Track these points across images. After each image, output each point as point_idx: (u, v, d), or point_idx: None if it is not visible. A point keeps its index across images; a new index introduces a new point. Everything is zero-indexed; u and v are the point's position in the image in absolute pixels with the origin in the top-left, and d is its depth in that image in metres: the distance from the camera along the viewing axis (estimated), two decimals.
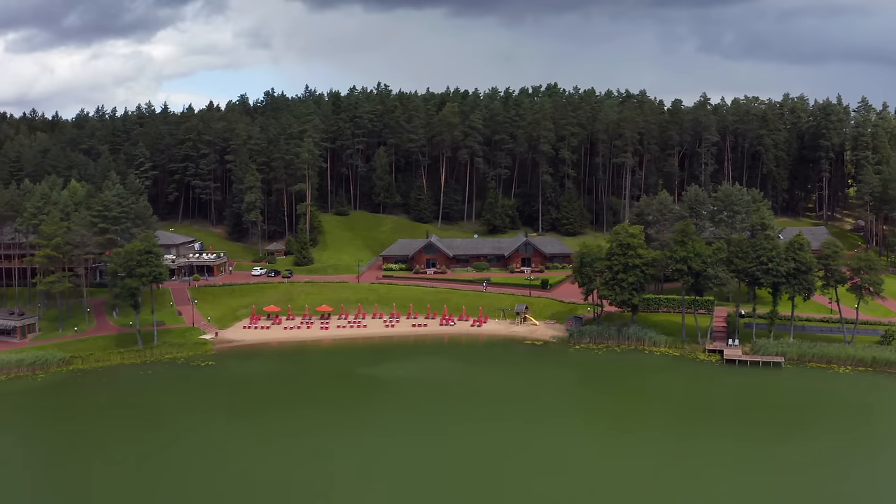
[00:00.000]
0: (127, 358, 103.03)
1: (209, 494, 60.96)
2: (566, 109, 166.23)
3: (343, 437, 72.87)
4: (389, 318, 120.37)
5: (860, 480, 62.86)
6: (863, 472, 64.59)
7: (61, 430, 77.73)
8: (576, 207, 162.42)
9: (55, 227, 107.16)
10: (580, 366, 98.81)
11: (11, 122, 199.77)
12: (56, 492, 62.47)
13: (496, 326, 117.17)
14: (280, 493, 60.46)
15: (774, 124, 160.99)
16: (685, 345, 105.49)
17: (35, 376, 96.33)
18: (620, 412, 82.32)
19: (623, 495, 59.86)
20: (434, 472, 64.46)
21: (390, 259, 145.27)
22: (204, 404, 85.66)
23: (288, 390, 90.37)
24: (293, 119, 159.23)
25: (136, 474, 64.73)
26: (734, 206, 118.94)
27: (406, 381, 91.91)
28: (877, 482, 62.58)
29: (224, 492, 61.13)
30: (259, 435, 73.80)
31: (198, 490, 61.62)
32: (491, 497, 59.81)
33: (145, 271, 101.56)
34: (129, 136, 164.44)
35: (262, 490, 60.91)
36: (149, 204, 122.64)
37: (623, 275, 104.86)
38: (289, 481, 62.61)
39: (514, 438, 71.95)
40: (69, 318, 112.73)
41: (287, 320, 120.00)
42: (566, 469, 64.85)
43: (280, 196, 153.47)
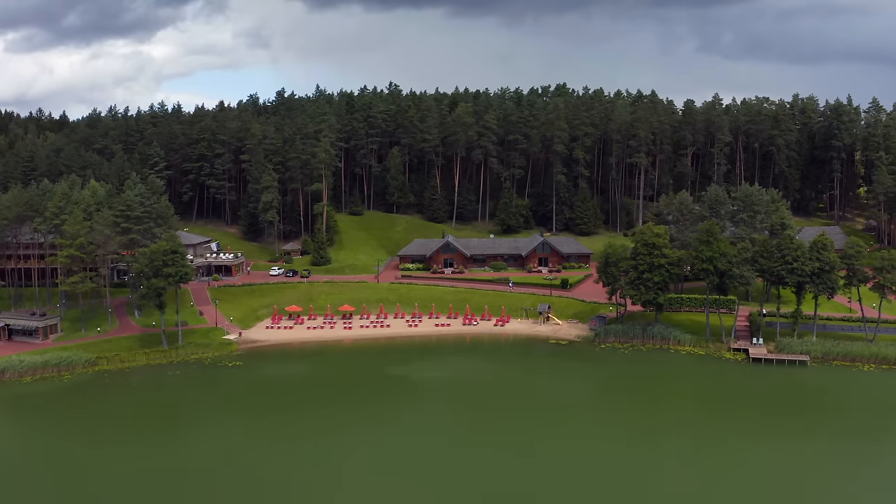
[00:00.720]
0: (153, 358, 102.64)
1: (246, 494, 60.82)
2: (580, 109, 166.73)
3: (379, 437, 72.74)
4: (412, 318, 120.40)
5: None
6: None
7: (95, 431, 76.97)
8: (590, 207, 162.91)
9: (78, 227, 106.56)
10: (608, 365, 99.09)
11: (19, 122, 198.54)
12: (94, 493, 62.00)
13: (519, 326, 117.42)
14: (316, 494, 60.34)
15: (786, 125, 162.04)
16: (709, 344, 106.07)
17: (61, 377, 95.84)
18: (656, 411, 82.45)
19: (666, 492, 60.26)
20: (476, 471, 64.47)
21: (407, 259, 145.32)
22: (237, 405, 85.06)
23: (321, 391, 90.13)
24: (308, 119, 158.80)
25: (171, 474, 64.63)
26: (754, 207, 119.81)
27: (439, 382, 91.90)
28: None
29: (261, 491, 60.96)
30: (296, 436, 73.88)
31: (238, 490, 61.51)
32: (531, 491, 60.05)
33: (172, 271, 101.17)
34: (143, 135, 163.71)
35: (297, 490, 60.92)
36: (170, 204, 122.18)
37: (648, 274, 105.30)
38: (327, 482, 62.67)
39: (553, 436, 72.26)
40: (91, 319, 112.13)
41: (309, 320, 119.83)
42: (608, 467, 65.23)
43: (295, 196, 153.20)
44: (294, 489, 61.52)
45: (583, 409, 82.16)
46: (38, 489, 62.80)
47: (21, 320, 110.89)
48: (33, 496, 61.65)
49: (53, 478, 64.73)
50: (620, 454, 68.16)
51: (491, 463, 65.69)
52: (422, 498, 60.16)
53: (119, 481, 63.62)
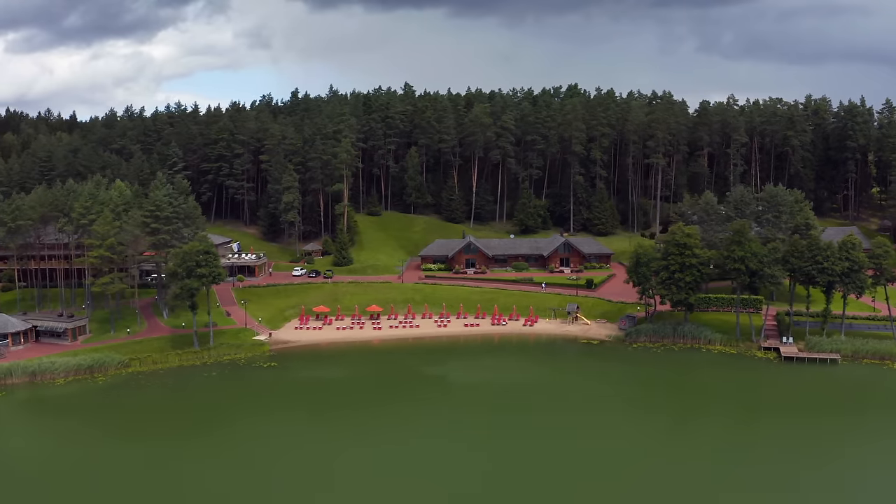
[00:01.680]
0: (185, 359, 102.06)
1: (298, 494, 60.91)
2: (596, 110, 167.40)
3: (424, 437, 72.80)
4: (440, 318, 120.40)
5: None
6: None
7: (140, 433, 76.10)
8: (607, 208, 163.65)
9: (108, 227, 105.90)
10: (644, 365, 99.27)
11: (28, 122, 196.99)
12: (148, 495, 61.61)
13: (548, 326, 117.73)
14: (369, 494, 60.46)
15: (801, 125, 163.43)
16: (740, 343, 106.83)
17: (95, 379, 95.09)
18: (705, 411, 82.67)
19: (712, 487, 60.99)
20: (528, 469, 64.63)
21: (429, 259, 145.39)
22: (280, 406, 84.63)
23: (362, 392, 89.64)
24: (327, 119, 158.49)
25: (218, 475, 64.47)
26: (780, 207, 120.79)
27: (479, 383, 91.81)
28: None
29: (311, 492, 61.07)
30: (342, 436, 73.56)
31: (289, 489, 61.58)
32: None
33: (205, 272, 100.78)
34: (160, 135, 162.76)
35: (350, 490, 60.92)
36: (197, 204, 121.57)
37: (680, 274, 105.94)
38: (379, 482, 62.48)
39: (604, 437, 72.45)
40: (119, 320, 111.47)
41: (337, 321, 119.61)
42: (664, 468, 65.50)
43: (316, 196, 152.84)
44: (339, 490, 61.34)
45: (628, 410, 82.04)
46: (94, 490, 62.24)
47: (48, 321, 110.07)
48: (91, 498, 61.18)
49: (107, 479, 64.15)
50: (674, 455, 68.19)
51: (543, 464, 65.62)
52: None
53: (171, 482, 63.39)
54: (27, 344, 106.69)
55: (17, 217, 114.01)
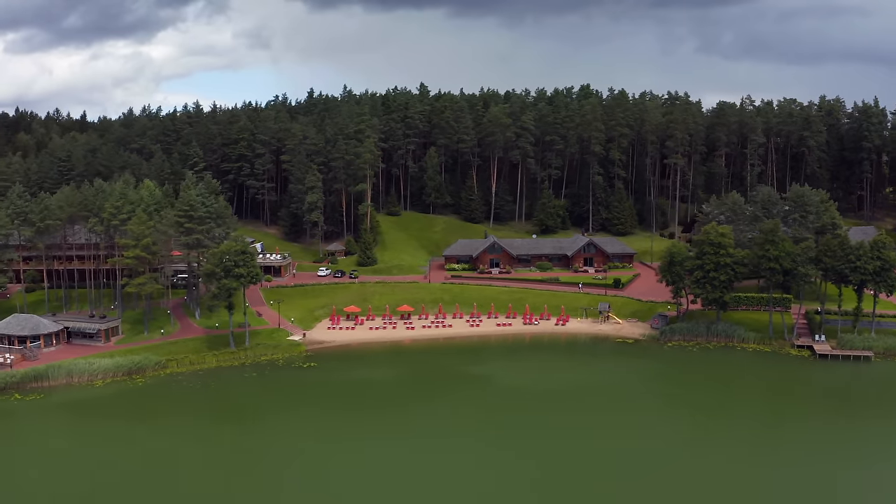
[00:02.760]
0: (223, 360, 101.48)
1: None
2: (615, 111, 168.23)
3: (474, 438, 72.51)
4: (471, 318, 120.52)
5: None
6: None
7: (192, 435, 75.92)
8: (626, 208, 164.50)
9: (143, 227, 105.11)
10: (683, 363, 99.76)
11: (39, 122, 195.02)
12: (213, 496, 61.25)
13: (580, 325, 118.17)
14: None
15: (817, 126, 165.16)
16: (773, 341, 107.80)
17: (133, 380, 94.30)
18: (755, 410, 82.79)
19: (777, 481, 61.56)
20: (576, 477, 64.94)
21: (452, 259, 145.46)
22: (328, 406, 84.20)
23: (408, 391, 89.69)
24: (349, 119, 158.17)
25: (274, 474, 64.15)
26: (806, 207, 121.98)
27: (528, 381, 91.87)
28: None
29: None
30: (396, 437, 73.25)
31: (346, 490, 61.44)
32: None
33: (243, 272, 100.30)
34: (180, 135, 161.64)
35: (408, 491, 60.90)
36: (228, 204, 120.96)
37: (714, 273, 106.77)
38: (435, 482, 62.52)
39: (656, 436, 72.73)
40: (151, 321, 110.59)
41: (369, 321, 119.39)
42: (715, 468, 66.00)
43: (338, 196, 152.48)
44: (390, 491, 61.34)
45: (681, 409, 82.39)
46: (154, 490, 61.84)
47: (80, 323, 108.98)
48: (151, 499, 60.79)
49: (165, 480, 63.80)
50: (728, 455, 68.34)
51: (602, 470, 65.77)
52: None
53: (229, 481, 63.13)
54: (59, 345, 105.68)
55: (45, 217, 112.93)
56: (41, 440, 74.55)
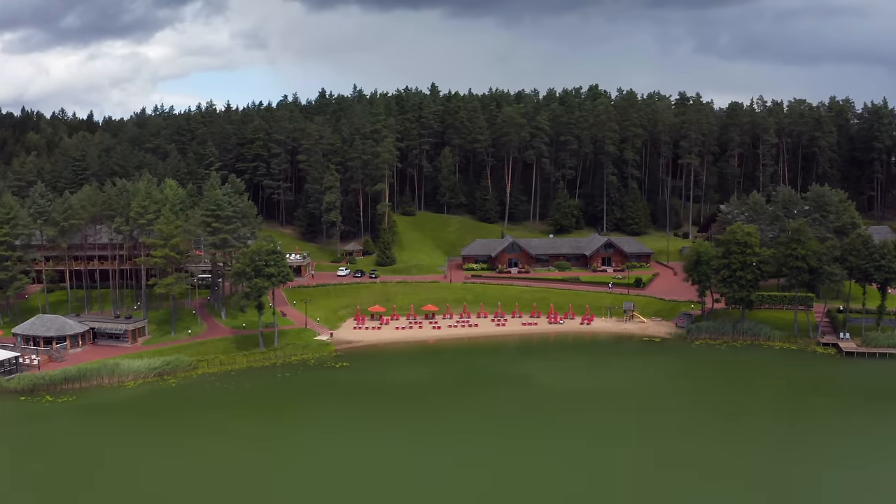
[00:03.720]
0: (253, 360, 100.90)
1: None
2: (629, 111, 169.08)
3: (519, 437, 72.38)
4: (496, 318, 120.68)
5: None
6: None
7: (231, 435, 75.02)
8: (640, 208, 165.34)
9: (171, 227, 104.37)
10: (714, 362, 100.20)
11: (45, 121, 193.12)
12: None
13: (604, 324, 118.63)
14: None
15: (828, 127, 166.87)
16: (798, 339, 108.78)
17: (165, 381, 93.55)
18: (799, 407, 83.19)
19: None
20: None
21: (470, 259, 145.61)
22: (369, 407, 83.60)
23: (448, 391, 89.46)
24: (364, 119, 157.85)
25: (322, 474, 64.02)
26: (826, 207, 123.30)
27: (565, 380, 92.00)
28: None
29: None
30: (442, 436, 73.22)
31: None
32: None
33: (274, 271, 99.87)
34: (195, 135, 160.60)
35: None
36: (252, 204, 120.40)
37: (741, 272, 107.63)
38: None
39: (702, 436, 73.30)
40: (177, 321, 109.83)
41: (393, 320, 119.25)
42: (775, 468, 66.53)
43: (355, 196, 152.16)
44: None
45: (718, 408, 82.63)
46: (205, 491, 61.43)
47: (106, 323, 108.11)
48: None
49: (213, 481, 63.40)
50: (784, 455, 68.54)
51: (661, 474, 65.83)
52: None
53: (276, 480, 62.81)
54: (84, 346, 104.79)
55: (69, 217, 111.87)
56: (91, 444, 73.10)
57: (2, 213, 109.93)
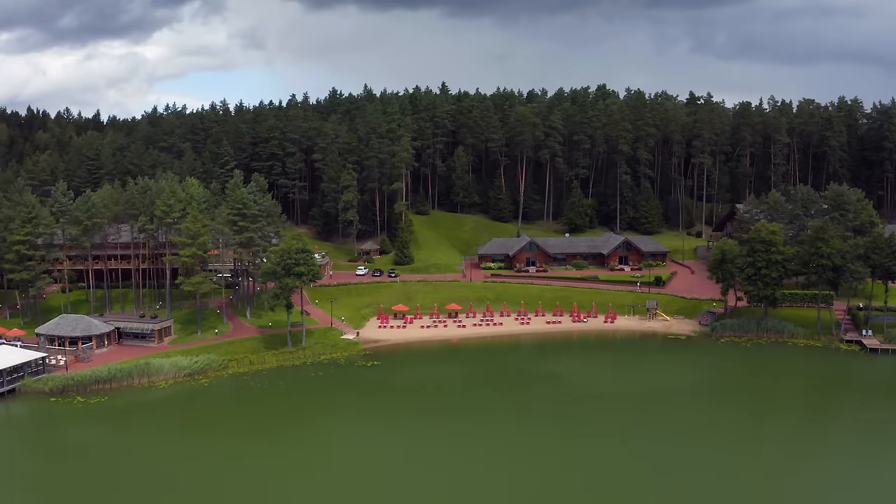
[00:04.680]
0: (283, 360, 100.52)
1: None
2: (642, 110, 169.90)
3: (567, 436, 72.47)
4: (519, 316, 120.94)
5: None
6: None
7: (280, 435, 74.85)
8: (653, 207, 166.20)
9: (199, 226, 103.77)
10: (744, 359, 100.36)
11: (52, 121, 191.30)
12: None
13: (627, 322, 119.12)
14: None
15: (838, 126, 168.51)
16: (821, 336, 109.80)
17: (196, 380, 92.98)
18: (840, 403, 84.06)
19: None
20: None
21: (487, 258, 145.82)
22: (408, 407, 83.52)
23: (486, 388, 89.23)
24: (379, 118, 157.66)
25: (376, 473, 63.95)
26: (845, 206, 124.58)
27: (599, 378, 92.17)
28: None
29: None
30: (489, 432, 73.06)
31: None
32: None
33: (304, 270, 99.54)
34: (209, 134, 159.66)
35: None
36: (277, 202, 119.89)
37: (766, 270, 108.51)
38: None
39: (758, 435, 73.52)
40: (202, 321, 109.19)
41: (417, 319, 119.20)
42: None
43: (372, 195, 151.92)
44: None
45: (754, 405, 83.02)
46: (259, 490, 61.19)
47: (133, 323, 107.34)
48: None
49: (265, 478, 63.12)
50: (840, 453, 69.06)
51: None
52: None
53: (329, 479, 62.51)
54: (110, 346, 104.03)
55: (92, 215, 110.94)
56: (132, 445, 72.04)
57: (24, 212, 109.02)
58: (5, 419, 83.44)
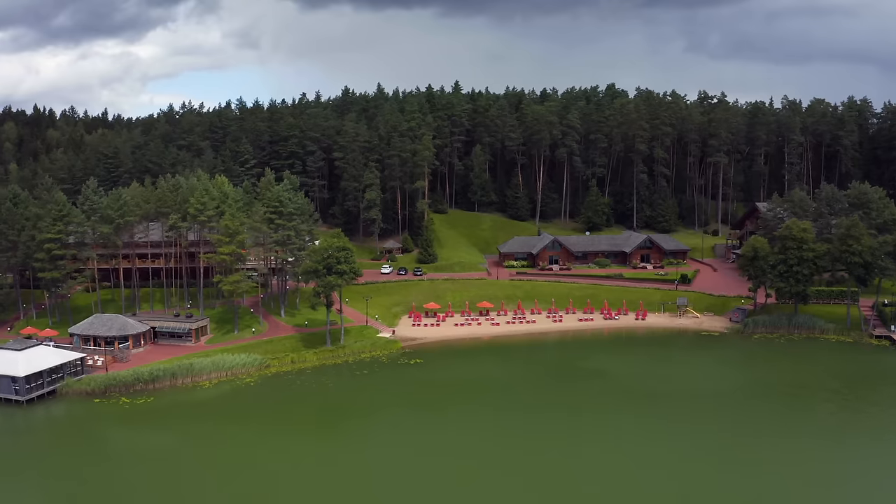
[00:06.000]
0: (324, 358, 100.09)
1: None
2: (659, 109, 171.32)
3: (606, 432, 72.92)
4: (550, 314, 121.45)
5: None
6: None
7: (345, 433, 74.82)
8: (670, 205, 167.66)
9: (237, 224, 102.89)
10: (782, 354, 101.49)
11: (60, 119, 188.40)
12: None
13: (659, 319, 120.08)
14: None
15: (850, 126, 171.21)
16: (851, 332, 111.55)
17: (240, 380, 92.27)
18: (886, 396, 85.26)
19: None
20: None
21: (510, 256, 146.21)
22: (462, 401, 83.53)
23: (529, 385, 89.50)
24: (396, 117, 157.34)
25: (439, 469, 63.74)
26: (869, 204, 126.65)
27: (646, 375, 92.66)
28: None
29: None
30: (549, 428, 73.37)
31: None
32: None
33: (346, 268, 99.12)
34: (227, 132, 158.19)
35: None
36: (309, 200, 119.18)
37: (798, 267, 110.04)
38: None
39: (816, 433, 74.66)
40: (236, 320, 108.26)
41: (449, 317, 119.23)
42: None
43: (393, 194, 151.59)
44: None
45: (813, 401, 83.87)
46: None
47: (169, 322, 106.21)
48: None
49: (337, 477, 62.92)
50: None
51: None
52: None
53: (402, 478, 62.46)
54: (146, 346, 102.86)
55: (124, 213, 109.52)
56: (190, 446, 71.44)
57: (54, 210, 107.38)
58: (57, 422, 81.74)
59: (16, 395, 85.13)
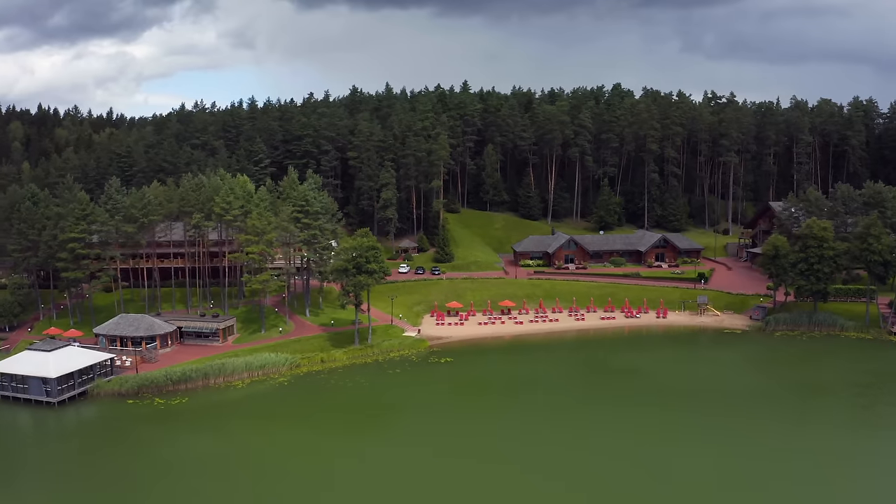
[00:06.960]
0: (354, 357, 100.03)
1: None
2: (670, 109, 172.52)
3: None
4: (572, 312, 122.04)
5: None
6: None
7: (388, 435, 75.08)
8: (681, 205, 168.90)
9: (265, 223, 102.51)
10: (805, 351, 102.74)
11: (65, 119, 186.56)
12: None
13: (679, 318, 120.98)
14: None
15: (858, 125, 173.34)
16: (869, 329, 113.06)
17: (272, 379, 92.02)
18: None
19: None
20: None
21: (525, 255, 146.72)
22: (500, 399, 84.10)
23: (564, 382, 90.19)
24: (408, 116, 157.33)
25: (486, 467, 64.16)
26: (884, 203, 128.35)
27: (678, 372, 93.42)
28: None
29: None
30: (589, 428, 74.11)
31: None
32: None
33: (375, 267, 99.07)
34: (241, 131, 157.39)
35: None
36: (333, 199, 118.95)
37: (818, 265, 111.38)
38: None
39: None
40: (261, 319, 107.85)
41: (472, 316, 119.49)
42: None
43: (408, 193, 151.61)
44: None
45: (828, 395, 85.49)
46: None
47: (194, 322, 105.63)
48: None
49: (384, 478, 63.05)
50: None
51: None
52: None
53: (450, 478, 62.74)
54: (173, 346, 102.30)
55: (148, 213, 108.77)
56: (234, 446, 71.03)
57: (77, 209, 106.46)
58: (94, 424, 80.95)
59: (47, 396, 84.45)
